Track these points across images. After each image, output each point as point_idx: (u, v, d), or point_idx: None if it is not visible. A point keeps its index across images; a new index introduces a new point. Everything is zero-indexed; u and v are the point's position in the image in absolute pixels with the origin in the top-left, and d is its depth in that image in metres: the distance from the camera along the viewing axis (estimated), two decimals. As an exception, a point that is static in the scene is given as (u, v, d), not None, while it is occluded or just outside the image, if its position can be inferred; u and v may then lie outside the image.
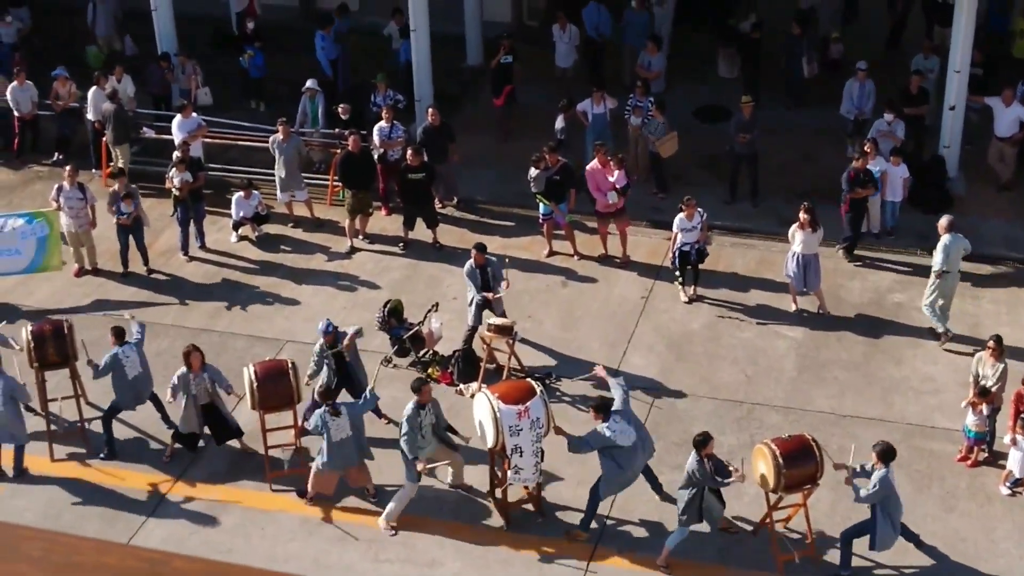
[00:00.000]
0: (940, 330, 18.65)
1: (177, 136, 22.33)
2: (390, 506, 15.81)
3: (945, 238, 18.33)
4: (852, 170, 19.90)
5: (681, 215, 19.36)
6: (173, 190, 21.20)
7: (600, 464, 15.23)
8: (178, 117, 22.62)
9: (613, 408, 15.16)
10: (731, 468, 14.75)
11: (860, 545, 14.89)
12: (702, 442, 14.66)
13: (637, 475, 15.40)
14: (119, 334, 16.94)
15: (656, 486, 15.87)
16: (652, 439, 15.63)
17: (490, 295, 18.27)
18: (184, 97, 24.19)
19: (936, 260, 18.36)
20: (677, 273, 19.81)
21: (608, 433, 14.94)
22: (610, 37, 25.86)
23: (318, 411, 15.68)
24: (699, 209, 19.44)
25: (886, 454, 14.42)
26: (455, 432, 16.11)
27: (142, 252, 21.05)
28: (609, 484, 15.26)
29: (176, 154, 21.53)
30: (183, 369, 16.48)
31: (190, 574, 3.93)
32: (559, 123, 22.66)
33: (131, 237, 20.86)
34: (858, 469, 14.65)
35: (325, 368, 16.94)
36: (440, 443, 15.87)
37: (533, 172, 20.50)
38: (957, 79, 21.30)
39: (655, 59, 24.45)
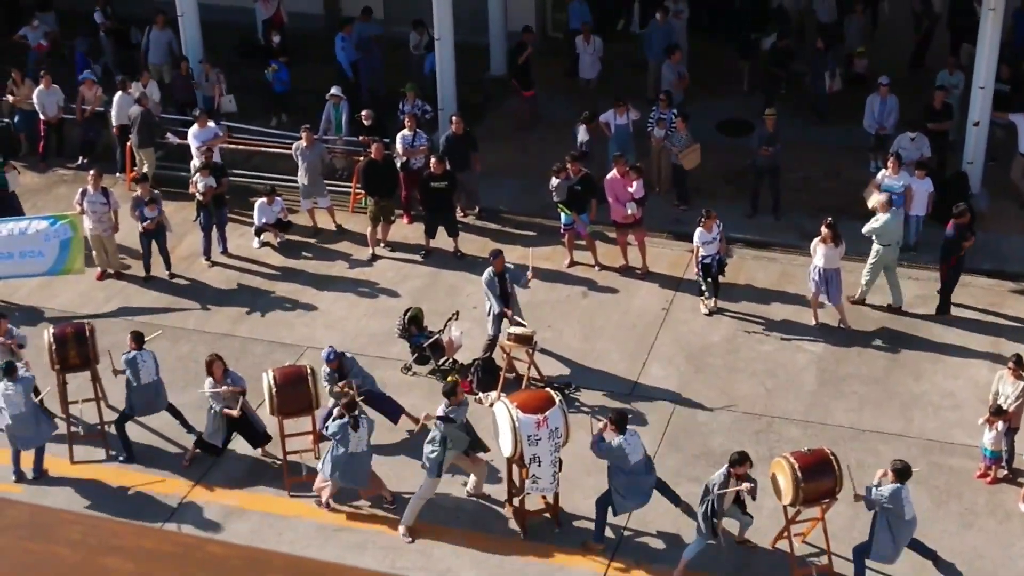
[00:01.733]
0: (857, 299, 19.83)
1: (193, 145, 22.39)
2: (409, 506, 15.84)
3: (885, 216, 19.27)
4: (958, 227, 19.16)
5: (700, 228, 19.35)
6: (197, 195, 21.30)
7: (608, 480, 15.25)
8: (194, 127, 22.66)
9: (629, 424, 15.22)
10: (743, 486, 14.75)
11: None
12: (737, 461, 14.64)
13: (648, 494, 15.40)
14: (138, 339, 17.02)
15: (674, 499, 15.83)
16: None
17: (508, 311, 18.24)
18: (207, 104, 24.27)
19: (869, 227, 19.34)
20: (704, 288, 19.80)
21: (624, 446, 14.97)
22: (594, 26, 26.13)
23: (341, 421, 15.64)
24: (717, 220, 19.45)
25: (901, 473, 14.35)
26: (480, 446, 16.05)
27: (164, 257, 21.14)
28: (617, 503, 15.28)
29: (200, 159, 21.64)
30: (210, 380, 16.53)
31: (224, 559, 4.00)
32: (582, 134, 22.68)
33: (154, 242, 20.98)
34: (872, 488, 14.55)
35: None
36: (469, 447, 15.85)
37: (555, 181, 20.55)
38: (981, 95, 21.27)
39: (680, 67, 24.47)
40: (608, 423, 15.27)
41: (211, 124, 22.78)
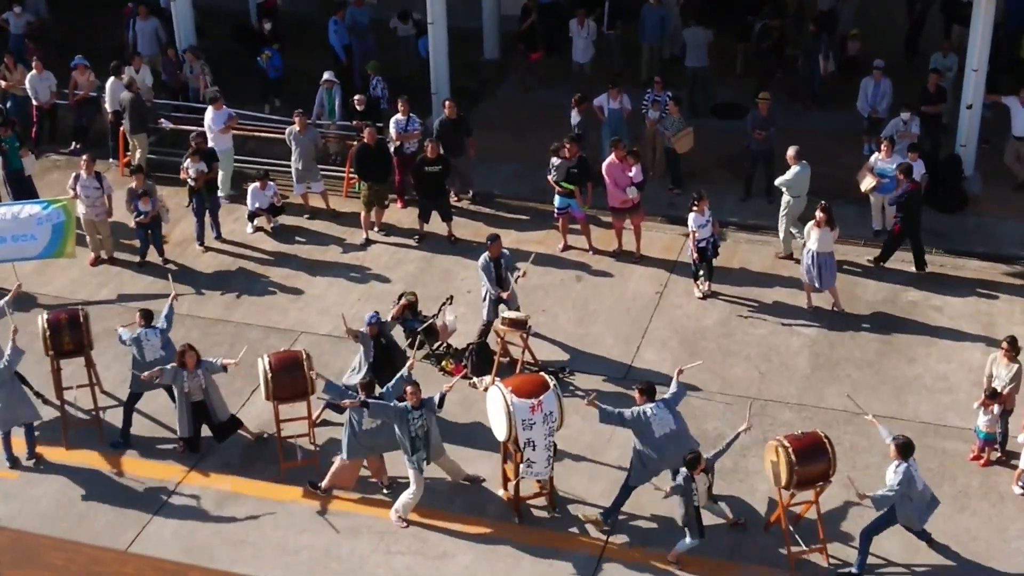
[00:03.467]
0: (783, 254, 20.75)
1: (211, 129, 22.24)
2: (401, 500, 15.84)
3: (795, 168, 19.98)
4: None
5: (694, 212, 19.35)
6: (188, 180, 21.28)
7: (631, 457, 15.28)
8: (210, 110, 22.53)
9: (659, 397, 15.22)
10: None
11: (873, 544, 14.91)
12: (693, 462, 14.56)
13: (665, 467, 15.37)
14: (147, 316, 17.01)
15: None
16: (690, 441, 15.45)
17: (504, 294, 18.24)
18: (193, 95, 24.23)
19: (780, 179, 20.22)
20: (701, 272, 19.80)
21: (648, 413, 14.96)
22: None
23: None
24: (707, 202, 19.48)
25: (904, 449, 14.33)
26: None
27: (158, 247, 21.15)
28: (636, 475, 15.32)
29: (195, 144, 21.58)
30: (174, 364, 16.47)
31: (205, 584, 3.98)
32: (575, 117, 22.65)
33: (149, 232, 20.95)
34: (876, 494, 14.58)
35: (364, 363, 16.87)
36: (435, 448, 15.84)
37: (556, 161, 20.53)
38: (974, 78, 21.27)
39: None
40: (637, 391, 15.32)
41: (225, 107, 22.62)
